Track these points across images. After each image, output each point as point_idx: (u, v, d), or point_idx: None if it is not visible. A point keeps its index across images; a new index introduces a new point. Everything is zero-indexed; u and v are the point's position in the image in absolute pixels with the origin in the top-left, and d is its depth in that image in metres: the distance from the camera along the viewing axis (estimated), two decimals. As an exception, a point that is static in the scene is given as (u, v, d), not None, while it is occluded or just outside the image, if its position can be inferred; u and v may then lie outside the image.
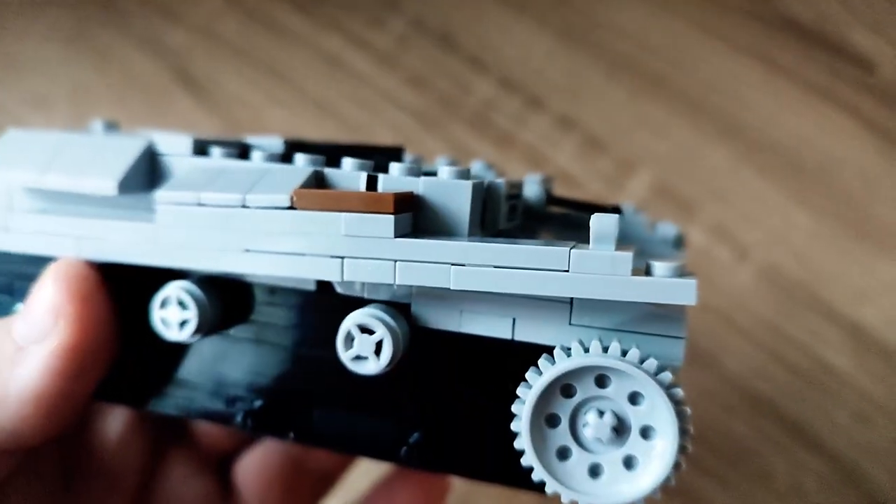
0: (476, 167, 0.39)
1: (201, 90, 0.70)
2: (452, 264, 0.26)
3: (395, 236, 0.26)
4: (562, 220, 0.36)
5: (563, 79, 0.67)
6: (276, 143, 0.33)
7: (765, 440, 0.58)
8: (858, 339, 0.59)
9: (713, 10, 0.66)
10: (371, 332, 0.27)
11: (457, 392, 0.29)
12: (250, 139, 0.34)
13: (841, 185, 0.62)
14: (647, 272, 0.25)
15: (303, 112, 0.69)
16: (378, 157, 0.33)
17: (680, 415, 0.25)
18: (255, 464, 0.41)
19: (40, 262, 0.31)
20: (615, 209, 0.35)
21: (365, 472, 0.42)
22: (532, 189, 0.34)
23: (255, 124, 0.69)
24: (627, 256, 0.25)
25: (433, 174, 0.29)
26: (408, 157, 0.37)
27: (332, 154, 0.30)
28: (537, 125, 0.66)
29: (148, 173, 0.31)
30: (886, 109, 0.62)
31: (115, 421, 0.38)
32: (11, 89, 0.70)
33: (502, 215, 0.30)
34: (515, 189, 0.31)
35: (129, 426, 0.39)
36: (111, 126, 0.36)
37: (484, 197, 0.29)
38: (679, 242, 0.37)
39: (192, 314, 0.29)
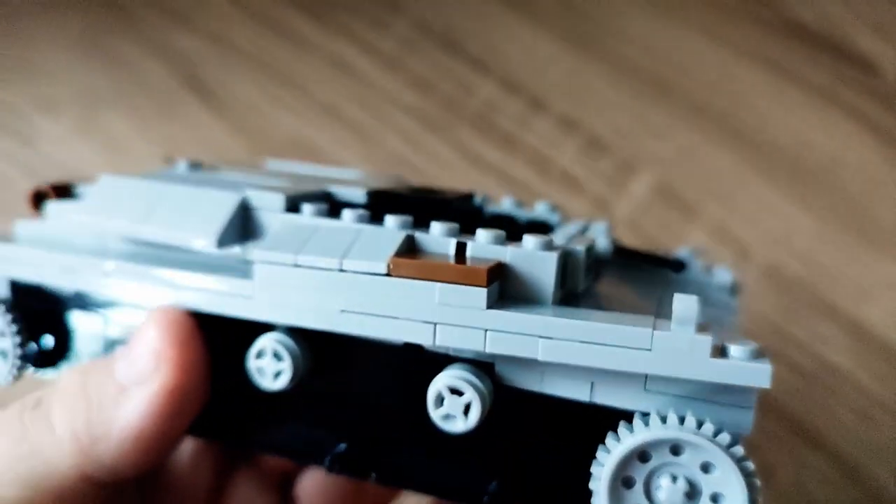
0: (540, 209, 0.40)
1: (210, 94, 0.71)
2: (541, 337, 0.27)
3: (487, 307, 0.28)
4: (622, 263, 0.38)
5: (566, 81, 0.67)
6: (359, 195, 0.34)
7: (767, 437, 0.59)
8: (860, 338, 0.60)
9: (717, 13, 0.66)
10: (460, 394, 0.29)
11: (535, 446, 0.31)
12: (334, 188, 0.35)
13: (844, 187, 0.62)
14: (723, 353, 0.27)
15: (310, 115, 0.70)
16: (455, 205, 0.35)
17: (750, 486, 0.27)
18: (316, 482, 0.43)
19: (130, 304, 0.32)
20: (679, 263, 0.37)
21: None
22: (600, 241, 0.36)
23: (264, 128, 0.70)
24: (707, 340, 0.26)
25: (514, 227, 0.30)
26: (478, 198, 0.39)
27: (414, 209, 0.32)
28: (540, 127, 0.67)
29: (241, 227, 0.32)
30: (890, 112, 0.62)
31: (187, 444, 0.40)
32: (22, 92, 0.70)
33: (581, 278, 0.31)
34: (591, 251, 0.32)
35: (200, 449, 0.41)
36: (195, 166, 0.37)
37: (565, 262, 0.31)
38: (734, 290, 0.38)
39: (286, 365, 0.31)
